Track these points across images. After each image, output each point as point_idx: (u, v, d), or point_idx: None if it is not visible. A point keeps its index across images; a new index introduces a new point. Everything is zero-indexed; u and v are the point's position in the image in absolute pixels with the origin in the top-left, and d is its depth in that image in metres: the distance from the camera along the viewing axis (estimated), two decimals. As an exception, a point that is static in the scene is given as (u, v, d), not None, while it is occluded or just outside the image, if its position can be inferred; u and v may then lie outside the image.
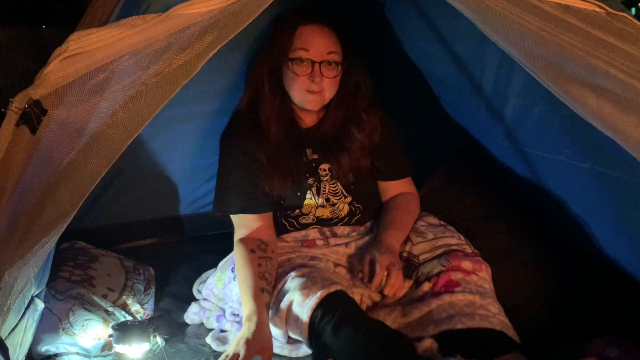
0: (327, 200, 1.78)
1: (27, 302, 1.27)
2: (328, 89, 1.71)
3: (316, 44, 1.67)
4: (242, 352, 1.41)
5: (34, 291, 1.30)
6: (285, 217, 1.77)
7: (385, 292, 1.55)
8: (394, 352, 1.37)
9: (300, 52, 1.67)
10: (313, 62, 1.67)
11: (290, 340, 1.54)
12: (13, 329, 1.17)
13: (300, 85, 1.69)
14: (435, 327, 1.48)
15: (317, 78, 1.66)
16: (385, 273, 1.55)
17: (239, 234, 1.72)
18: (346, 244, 1.75)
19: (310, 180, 1.76)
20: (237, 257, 1.67)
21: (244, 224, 1.72)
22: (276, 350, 1.53)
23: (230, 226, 1.82)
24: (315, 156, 1.79)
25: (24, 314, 1.24)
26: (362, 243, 1.76)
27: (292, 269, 1.61)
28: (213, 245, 2.09)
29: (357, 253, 1.73)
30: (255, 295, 1.54)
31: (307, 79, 1.67)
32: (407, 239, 1.74)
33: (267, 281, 1.59)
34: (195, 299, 1.84)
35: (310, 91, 1.69)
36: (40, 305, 1.35)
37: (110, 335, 1.49)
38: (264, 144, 1.74)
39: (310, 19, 1.70)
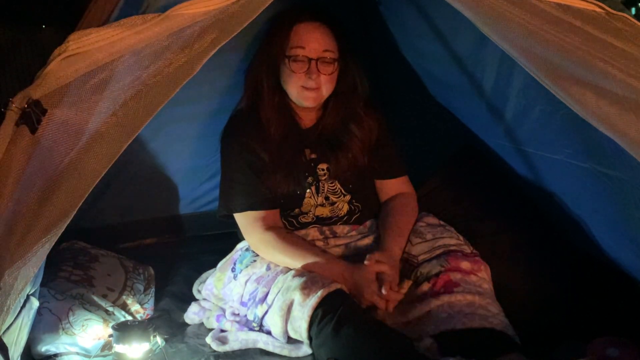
0: (327, 199, 1.78)
1: (22, 300, 1.27)
2: (325, 85, 1.72)
3: (312, 42, 1.69)
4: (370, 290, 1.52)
5: (29, 290, 1.30)
6: (285, 217, 1.77)
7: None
8: (394, 352, 1.37)
9: (297, 50, 1.69)
10: (309, 59, 1.68)
11: (290, 340, 1.54)
12: (8, 328, 1.17)
13: (297, 81, 1.70)
14: (435, 327, 1.48)
15: (313, 75, 1.68)
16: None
17: (256, 229, 1.70)
18: (345, 246, 1.75)
19: (310, 179, 1.77)
20: (273, 243, 1.65)
21: (253, 221, 1.71)
22: (276, 350, 1.53)
23: (230, 226, 1.82)
24: (313, 156, 1.80)
25: (19, 312, 1.24)
26: (361, 245, 1.75)
27: (292, 268, 1.61)
28: (213, 245, 2.08)
29: (356, 255, 1.73)
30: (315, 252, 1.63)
31: (304, 76, 1.69)
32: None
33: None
34: (195, 299, 1.84)
35: (306, 87, 1.70)
36: (35, 303, 1.35)
37: (110, 335, 1.49)
38: (265, 143, 1.75)
39: (306, 16, 1.72)
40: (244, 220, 1.73)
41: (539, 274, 1.70)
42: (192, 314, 1.76)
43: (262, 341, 1.55)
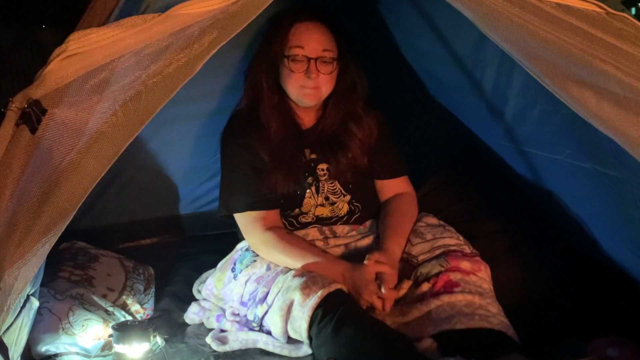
0: (327, 199, 1.78)
1: (22, 300, 1.27)
2: (324, 85, 1.72)
3: (311, 41, 1.69)
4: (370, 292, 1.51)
5: (29, 290, 1.30)
6: (285, 217, 1.77)
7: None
8: (394, 352, 1.37)
9: (296, 50, 1.69)
10: (309, 59, 1.68)
11: (290, 340, 1.54)
12: (8, 328, 1.17)
13: (297, 81, 1.70)
14: (435, 327, 1.48)
15: (313, 74, 1.68)
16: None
17: (256, 229, 1.70)
18: (345, 246, 1.75)
19: (310, 180, 1.77)
20: (273, 243, 1.65)
21: (253, 221, 1.71)
22: (276, 350, 1.53)
23: (230, 226, 1.82)
24: (313, 156, 1.80)
25: (19, 312, 1.24)
26: (361, 245, 1.75)
27: (292, 268, 1.61)
28: (213, 245, 2.08)
29: (356, 255, 1.73)
30: (314, 252, 1.63)
31: (303, 76, 1.69)
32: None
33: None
34: (195, 299, 1.84)
35: (306, 87, 1.70)
36: (35, 303, 1.35)
37: (110, 335, 1.49)
38: (265, 143, 1.75)
39: (305, 16, 1.72)
40: (244, 220, 1.73)
41: (539, 274, 1.70)
42: (192, 314, 1.76)
43: (262, 341, 1.55)
